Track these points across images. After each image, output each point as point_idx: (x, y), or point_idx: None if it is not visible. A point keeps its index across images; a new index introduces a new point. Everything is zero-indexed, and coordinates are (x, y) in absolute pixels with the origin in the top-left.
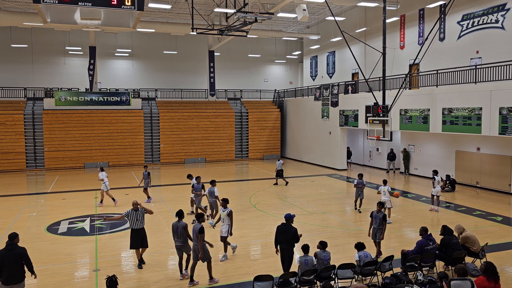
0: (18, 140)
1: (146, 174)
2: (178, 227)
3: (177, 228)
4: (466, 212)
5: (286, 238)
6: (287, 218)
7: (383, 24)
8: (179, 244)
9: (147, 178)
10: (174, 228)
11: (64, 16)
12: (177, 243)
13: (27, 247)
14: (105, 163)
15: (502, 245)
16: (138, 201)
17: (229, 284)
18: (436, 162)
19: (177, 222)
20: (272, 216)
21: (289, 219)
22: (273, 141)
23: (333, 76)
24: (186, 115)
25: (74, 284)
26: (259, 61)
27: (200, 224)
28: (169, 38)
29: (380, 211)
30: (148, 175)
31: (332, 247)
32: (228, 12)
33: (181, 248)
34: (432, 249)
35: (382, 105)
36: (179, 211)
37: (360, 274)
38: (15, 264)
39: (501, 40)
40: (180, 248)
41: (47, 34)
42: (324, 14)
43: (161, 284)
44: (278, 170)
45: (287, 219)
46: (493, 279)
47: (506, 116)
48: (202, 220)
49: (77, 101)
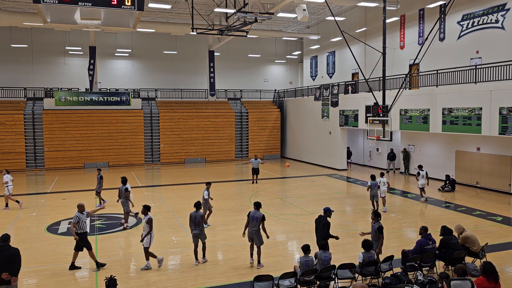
0: (18, 140)
1: (99, 177)
2: (196, 216)
3: (195, 217)
4: (466, 212)
5: (318, 229)
6: (324, 211)
7: (383, 24)
8: (196, 232)
9: (99, 182)
10: (192, 217)
11: (64, 16)
12: (194, 231)
13: (27, 247)
14: (105, 163)
15: (502, 245)
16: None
17: (229, 284)
18: (436, 162)
19: (195, 212)
20: (272, 216)
21: (325, 212)
22: (273, 141)
23: (333, 76)
24: (186, 115)
25: (74, 284)
26: (259, 61)
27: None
28: (169, 38)
29: (377, 221)
30: (101, 179)
31: (332, 247)
32: (228, 12)
33: (198, 236)
34: (432, 248)
35: (382, 105)
36: (197, 202)
37: (360, 274)
38: (6, 264)
39: (501, 40)
40: (197, 236)
41: (47, 34)
42: (324, 14)
43: (161, 284)
44: (255, 169)
45: (324, 211)
46: (493, 279)
47: (506, 116)
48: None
49: (77, 101)
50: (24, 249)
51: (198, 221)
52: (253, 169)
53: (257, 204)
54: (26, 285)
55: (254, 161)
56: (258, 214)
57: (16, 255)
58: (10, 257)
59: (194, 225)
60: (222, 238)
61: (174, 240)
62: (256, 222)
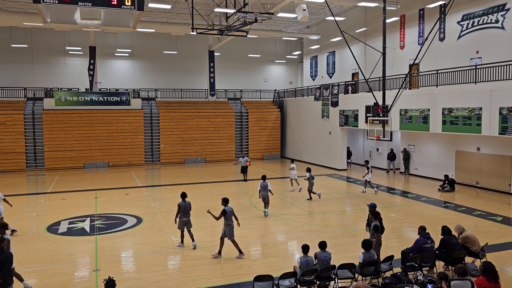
0: (18, 140)
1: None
2: (185, 205)
3: (185, 206)
4: (466, 212)
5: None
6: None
7: (383, 24)
8: (186, 220)
9: None
10: (182, 206)
11: (64, 16)
12: (184, 219)
13: (27, 247)
14: (105, 163)
15: (502, 245)
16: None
17: (229, 284)
18: (436, 162)
19: (183, 202)
20: (272, 216)
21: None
22: (273, 141)
23: (333, 76)
24: (186, 115)
25: (74, 284)
26: (259, 61)
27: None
28: (169, 38)
29: (375, 220)
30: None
31: (332, 247)
32: (228, 12)
33: (186, 224)
34: (431, 247)
35: (382, 105)
36: (183, 193)
37: (360, 274)
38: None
39: (501, 40)
40: (185, 223)
41: (47, 34)
42: (324, 14)
43: (161, 284)
44: (243, 167)
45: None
46: (493, 279)
47: (506, 116)
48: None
49: (77, 101)
50: (24, 249)
51: (187, 209)
52: (242, 168)
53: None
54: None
55: (242, 159)
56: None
57: (7, 259)
58: (3, 260)
59: (184, 213)
60: None
61: (174, 240)
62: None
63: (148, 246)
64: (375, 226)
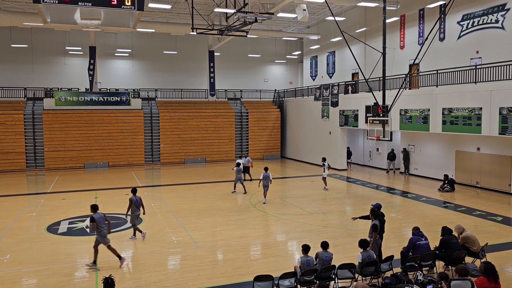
0: (18, 140)
1: None
2: (137, 200)
3: (136, 200)
4: (466, 212)
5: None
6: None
7: (383, 24)
8: (138, 213)
9: None
10: (134, 201)
11: (64, 16)
12: (137, 213)
13: (27, 247)
14: (105, 163)
15: (502, 245)
16: None
17: (229, 284)
18: (436, 162)
19: (134, 196)
20: (272, 216)
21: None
22: (273, 141)
23: (333, 76)
24: (186, 115)
25: (74, 284)
26: (259, 61)
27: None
28: (169, 38)
29: (374, 220)
30: None
31: (332, 247)
32: (228, 12)
33: (139, 216)
34: (425, 244)
35: (382, 105)
36: (134, 188)
37: (360, 274)
38: None
39: (501, 40)
40: (138, 215)
41: (47, 34)
42: (324, 14)
43: (161, 284)
44: (245, 167)
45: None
46: (493, 279)
47: (506, 116)
48: None
49: (77, 101)
50: (24, 249)
51: (139, 203)
52: (244, 168)
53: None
54: (26, 285)
55: (244, 160)
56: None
57: None
58: None
59: (136, 207)
60: (222, 238)
61: (174, 240)
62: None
63: (148, 246)
64: (374, 226)
